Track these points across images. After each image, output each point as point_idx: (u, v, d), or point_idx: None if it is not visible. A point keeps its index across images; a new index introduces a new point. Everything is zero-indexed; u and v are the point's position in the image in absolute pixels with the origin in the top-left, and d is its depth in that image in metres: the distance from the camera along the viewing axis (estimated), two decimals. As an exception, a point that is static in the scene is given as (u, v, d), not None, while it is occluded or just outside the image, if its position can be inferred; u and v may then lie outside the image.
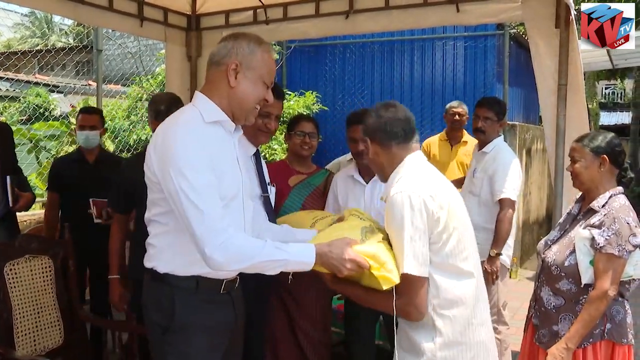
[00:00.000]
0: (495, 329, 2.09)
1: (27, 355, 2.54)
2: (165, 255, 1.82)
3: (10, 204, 2.79)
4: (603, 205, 2.23)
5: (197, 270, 1.80)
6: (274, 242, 1.76)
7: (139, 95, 6.77)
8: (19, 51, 9.31)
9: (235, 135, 1.92)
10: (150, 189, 1.82)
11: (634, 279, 2.23)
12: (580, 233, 2.23)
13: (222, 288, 1.88)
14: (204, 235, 1.66)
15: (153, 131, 2.38)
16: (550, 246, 2.39)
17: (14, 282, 2.58)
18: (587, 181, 2.31)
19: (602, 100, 17.98)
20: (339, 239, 1.84)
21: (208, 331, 1.85)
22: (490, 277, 3.33)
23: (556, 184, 2.97)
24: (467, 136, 4.58)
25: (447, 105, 4.72)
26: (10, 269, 2.58)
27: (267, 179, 2.60)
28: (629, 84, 15.45)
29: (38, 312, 2.63)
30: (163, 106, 2.67)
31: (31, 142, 4.93)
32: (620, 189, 2.31)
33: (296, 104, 6.91)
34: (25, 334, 2.59)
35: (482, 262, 3.19)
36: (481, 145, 3.61)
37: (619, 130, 14.09)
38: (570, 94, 2.90)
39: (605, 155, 2.28)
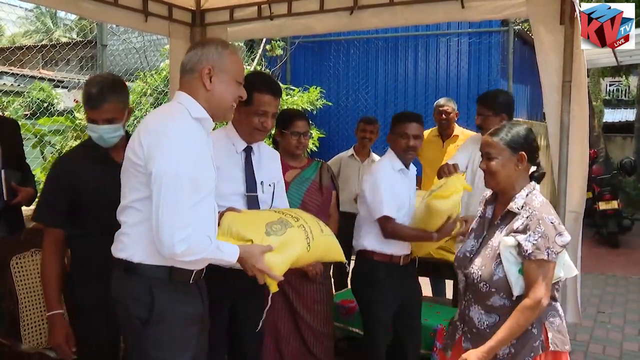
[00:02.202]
0: None
1: (33, 347, 2.56)
2: (140, 243, 1.85)
3: (5, 198, 2.79)
4: (522, 206, 2.04)
5: (171, 261, 1.84)
6: (217, 241, 1.89)
7: (143, 91, 6.77)
8: (23, 46, 9.31)
9: (210, 137, 2.02)
10: (131, 173, 1.86)
11: (560, 279, 2.08)
12: (504, 241, 2.01)
13: (192, 278, 1.94)
14: (173, 225, 1.73)
15: (87, 119, 2.27)
16: (471, 259, 2.13)
17: (20, 276, 2.60)
18: (503, 180, 2.09)
19: (607, 98, 17.83)
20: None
21: (184, 321, 1.90)
22: None
23: (559, 181, 2.97)
24: (458, 130, 4.56)
25: (435, 103, 4.69)
26: (17, 263, 2.60)
27: (264, 179, 2.53)
28: (633, 80, 15.33)
29: (44, 306, 2.64)
30: (95, 89, 2.23)
31: (36, 137, 4.94)
32: (533, 184, 2.13)
33: (300, 99, 6.91)
34: (32, 327, 2.61)
35: None
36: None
37: (624, 127, 13.96)
38: (574, 90, 2.89)
39: (523, 152, 2.08)
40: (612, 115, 15.25)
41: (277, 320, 2.90)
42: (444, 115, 4.53)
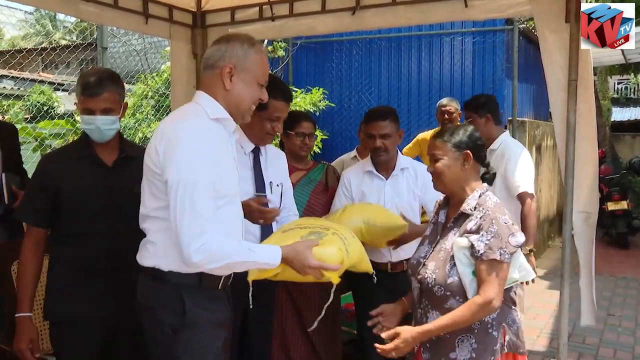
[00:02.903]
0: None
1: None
2: (168, 252, 1.79)
3: (6, 202, 2.77)
4: (475, 207, 2.00)
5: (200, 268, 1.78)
6: (247, 243, 1.83)
7: (144, 93, 6.75)
8: (23, 49, 9.31)
9: (233, 136, 1.95)
10: (150, 181, 1.81)
11: (519, 283, 2.03)
12: (457, 242, 1.97)
13: (220, 285, 1.89)
14: (190, 233, 1.68)
15: (82, 112, 2.18)
16: (424, 264, 2.08)
17: (20, 282, 2.56)
18: (450, 182, 2.06)
19: (615, 96, 17.63)
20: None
21: (215, 326, 1.87)
22: None
23: (567, 181, 2.92)
24: None
25: (437, 103, 4.68)
26: (17, 268, 2.56)
27: (272, 179, 2.56)
28: (642, 78, 15.25)
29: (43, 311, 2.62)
30: (93, 78, 2.19)
31: (36, 140, 4.92)
32: (486, 185, 2.10)
33: (302, 101, 6.87)
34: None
35: None
36: (486, 144, 3.57)
37: (633, 126, 13.81)
38: (581, 89, 2.85)
39: (468, 151, 2.05)
40: (620, 114, 15.09)
41: (285, 325, 2.88)
42: (446, 115, 4.50)
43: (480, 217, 1.95)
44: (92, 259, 2.19)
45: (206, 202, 1.72)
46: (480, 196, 2.03)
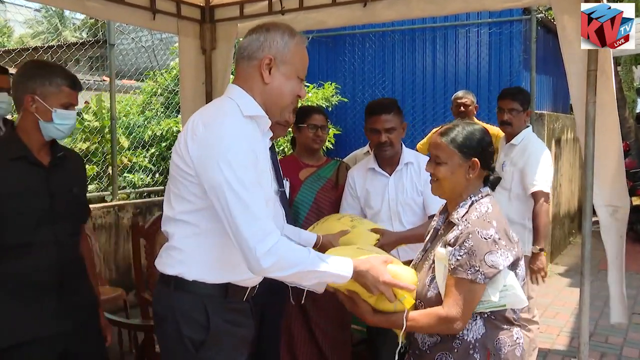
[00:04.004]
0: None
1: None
2: (195, 260, 1.67)
3: None
4: (463, 216, 1.78)
5: (229, 277, 1.68)
6: (316, 252, 1.66)
7: (153, 90, 6.71)
8: (32, 47, 9.34)
9: (267, 135, 1.79)
10: (179, 182, 1.66)
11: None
12: (438, 253, 1.78)
13: (246, 296, 1.77)
14: (253, 237, 1.53)
15: (64, 106, 2.00)
16: None
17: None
18: (450, 189, 1.84)
19: (641, 86, 17.19)
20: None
21: (238, 343, 1.75)
22: (536, 276, 3.21)
23: (586, 175, 2.83)
24: None
25: (453, 96, 4.57)
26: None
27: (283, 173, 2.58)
28: (671, 67, 14.81)
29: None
30: (70, 73, 2.08)
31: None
32: (486, 190, 1.86)
33: (315, 96, 6.78)
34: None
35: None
36: (509, 137, 3.51)
37: (658, 118, 13.48)
38: (602, 79, 2.75)
39: (476, 159, 1.81)
40: (647, 105, 14.66)
41: (292, 325, 2.84)
42: (462, 108, 4.40)
43: (460, 229, 1.74)
44: (37, 272, 1.96)
45: (259, 202, 1.57)
46: (471, 204, 1.81)
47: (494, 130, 4.17)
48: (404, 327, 1.72)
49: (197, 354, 1.66)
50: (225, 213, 1.55)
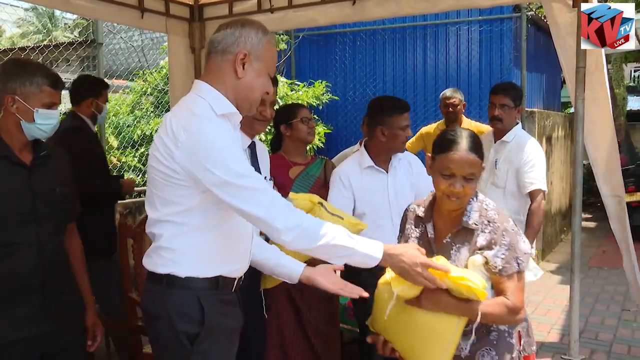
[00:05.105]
0: None
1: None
2: (187, 257, 1.69)
3: None
4: (479, 218, 1.85)
5: (221, 269, 1.71)
6: (345, 230, 1.68)
7: (143, 89, 6.67)
8: (22, 47, 9.25)
9: (237, 130, 1.82)
10: (163, 184, 1.66)
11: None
12: (473, 261, 1.82)
13: (234, 287, 1.79)
14: (270, 211, 1.58)
15: (47, 106, 1.95)
16: None
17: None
18: (465, 203, 1.87)
19: (631, 84, 17.20)
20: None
21: (230, 334, 1.78)
22: None
23: (575, 172, 2.86)
24: (466, 122, 4.41)
25: (441, 94, 4.55)
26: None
27: (265, 174, 2.54)
28: (661, 66, 14.93)
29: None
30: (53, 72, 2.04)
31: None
32: (477, 191, 1.93)
33: (305, 94, 6.76)
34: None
35: None
36: (499, 134, 3.49)
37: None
38: (594, 75, 2.77)
39: (483, 165, 1.89)
40: (637, 103, 14.77)
41: (282, 323, 2.82)
42: (451, 108, 4.39)
43: (489, 232, 1.83)
44: (18, 273, 1.92)
45: (262, 183, 1.64)
46: (477, 205, 1.88)
47: (482, 128, 4.18)
48: (478, 317, 1.76)
49: (192, 348, 1.68)
50: (234, 202, 1.60)
